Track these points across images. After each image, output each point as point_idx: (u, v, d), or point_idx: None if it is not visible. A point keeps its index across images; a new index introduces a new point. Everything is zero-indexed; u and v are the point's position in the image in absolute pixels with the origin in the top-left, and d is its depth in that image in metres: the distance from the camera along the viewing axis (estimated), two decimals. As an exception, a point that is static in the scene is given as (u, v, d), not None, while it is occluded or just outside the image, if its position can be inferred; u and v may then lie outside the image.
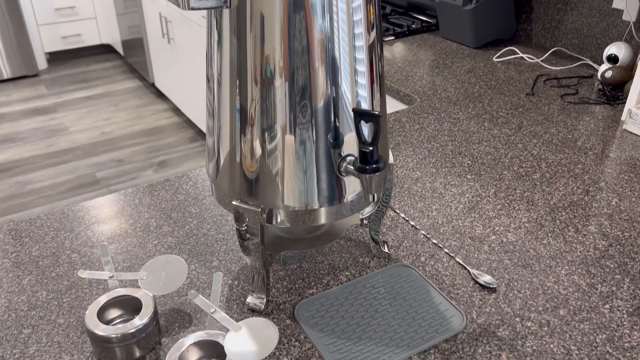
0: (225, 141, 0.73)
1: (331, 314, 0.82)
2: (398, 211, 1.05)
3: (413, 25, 2.09)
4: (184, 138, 3.44)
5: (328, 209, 0.74)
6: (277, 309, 0.83)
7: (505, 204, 1.08)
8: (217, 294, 0.76)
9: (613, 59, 1.60)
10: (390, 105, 1.66)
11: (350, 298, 0.85)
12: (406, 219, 1.03)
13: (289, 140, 0.69)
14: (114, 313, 0.79)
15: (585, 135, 1.33)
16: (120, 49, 4.37)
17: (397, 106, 1.63)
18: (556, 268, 0.91)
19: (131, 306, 0.79)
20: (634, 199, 1.09)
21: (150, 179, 3.02)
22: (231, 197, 0.75)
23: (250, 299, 0.83)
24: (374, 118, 0.63)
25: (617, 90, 1.57)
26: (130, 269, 0.92)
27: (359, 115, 0.65)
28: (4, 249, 0.97)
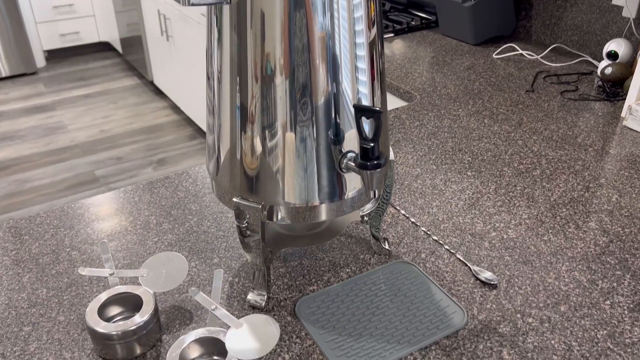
0: (226, 138, 0.73)
1: (332, 310, 0.82)
2: (398, 208, 1.05)
3: (412, 22, 2.09)
4: (183, 136, 3.43)
5: (329, 206, 0.74)
6: (278, 306, 0.83)
7: (506, 201, 1.08)
8: (218, 291, 0.76)
9: (613, 55, 1.60)
10: (390, 102, 1.66)
11: (351, 295, 0.85)
12: (407, 215, 1.03)
13: (290, 137, 0.69)
14: (114, 310, 0.79)
15: (586, 132, 1.33)
16: (118, 47, 4.36)
17: (397, 103, 1.63)
18: (557, 264, 0.91)
19: (132, 303, 0.79)
20: (634, 195, 1.09)
21: (150, 177, 3.02)
22: (232, 194, 0.75)
23: (251, 296, 0.83)
24: (375, 114, 0.63)
25: (617, 87, 1.57)
26: (130, 267, 0.91)
27: (360, 111, 0.65)
28: (3, 246, 0.96)
